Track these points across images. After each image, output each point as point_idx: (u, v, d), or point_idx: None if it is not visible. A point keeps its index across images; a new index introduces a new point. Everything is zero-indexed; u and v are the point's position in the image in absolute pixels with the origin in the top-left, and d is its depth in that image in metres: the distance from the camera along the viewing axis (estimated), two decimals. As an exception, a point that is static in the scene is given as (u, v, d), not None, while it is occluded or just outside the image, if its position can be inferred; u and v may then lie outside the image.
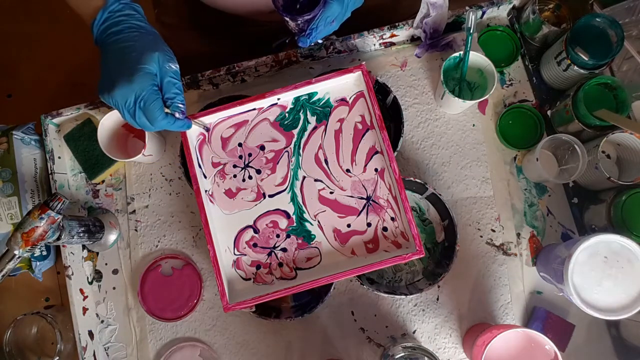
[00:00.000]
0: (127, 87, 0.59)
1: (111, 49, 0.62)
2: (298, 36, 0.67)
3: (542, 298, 0.78)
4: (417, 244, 0.67)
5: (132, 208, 0.84)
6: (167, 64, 0.61)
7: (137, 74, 0.59)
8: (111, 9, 0.63)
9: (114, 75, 0.60)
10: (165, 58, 0.61)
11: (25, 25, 1.57)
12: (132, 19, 0.63)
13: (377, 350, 0.78)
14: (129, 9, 0.64)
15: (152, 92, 0.60)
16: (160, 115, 0.61)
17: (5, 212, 0.80)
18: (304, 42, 0.67)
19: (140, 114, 0.61)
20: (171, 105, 0.62)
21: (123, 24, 0.63)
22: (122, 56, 0.61)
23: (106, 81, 0.61)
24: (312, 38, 0.66)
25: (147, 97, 0.60)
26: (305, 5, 0.68)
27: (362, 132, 0.73)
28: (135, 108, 0.60)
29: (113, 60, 0.61)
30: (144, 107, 0.60)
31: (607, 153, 0.80)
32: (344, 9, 0.64)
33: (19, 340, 0.79)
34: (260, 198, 0.72)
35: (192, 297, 0.80)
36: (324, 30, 0.66)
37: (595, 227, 0.77)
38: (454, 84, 0.80)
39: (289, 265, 0.70)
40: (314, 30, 0.65)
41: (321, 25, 0.65)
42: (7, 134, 0.83)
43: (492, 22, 0.85)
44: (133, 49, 0.61)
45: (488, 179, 0.81)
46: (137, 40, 0.62)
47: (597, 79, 0.74)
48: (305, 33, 0.66)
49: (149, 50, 0.60)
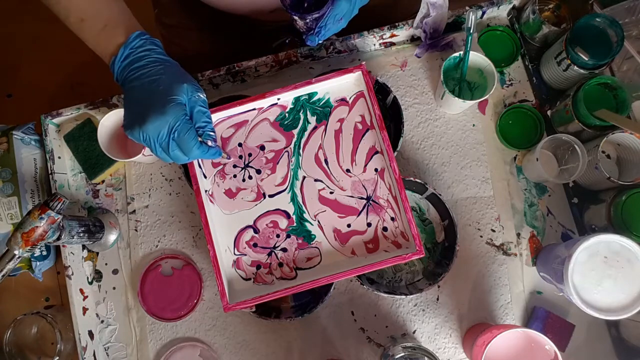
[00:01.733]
0: (161, 119, 0.58)
1: (135, 85, 0.62)
2: (306, 35, 0.67)
3: (542, 298, 0.78)
4: (417, 244, 0.67)
5: (132, 208, 0.84)
6: (195, 94, 0.61)
7: (169, 106, 0.59)
8: (133, 44, 0.63)
9: (143, 110, 0.59)
10: (193, 88, 0.61)
11: (26, 25, 1.58)
12: (154, 53, 0.63)
13: (377, 350, 0.78)
14: (150, 43, 0.64)
15: (185, 122, 0.60)
16: (195, 144, 0.61)
17: (5, 212, 0.80)
18: (312, 41, 0.66)
19: (174, 146, 0.60)
20: (203, 134, 0.62)
21: (146, 58, 0.62)
22: (150, 90, 0.60)
23: (135, 116, 0.60)
24: (321, 36, 0.66)
25: (181, 128, 0.59)
26: (312, 4, 0.67)
27: (362, 132, 0.73)
28: (168, 140, 0.60)
29: (140, 94, 0.61)
30: (177, 139, 0.60)
31: (607, 153, 0.80)
32: (352, 6, 0.64)
33: (19, 340, 0.79)
34: (260, 198, 0.72)
35: (192, 297, 0.80)
36: (333, 28, 0.66)
37: (595, 227, 0.77)
38: (454, 84, 0.80)
39: (289, 265, 0.70)
40: (323, 28, 0.65)
41: (330, 23, 0.64)
42: (7, 134, 0.83)
43: (492, 22, 0.85)
44: (161, 82, 0.61)
45: (488, 179, 0.81)
46: (163, 73, 0.61)
47: (597, 79, 0.74)
48: (314, 31, 0.65)
49: (177, 82, 0.60)
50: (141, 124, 0.59)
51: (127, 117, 0.62)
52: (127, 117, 0.62)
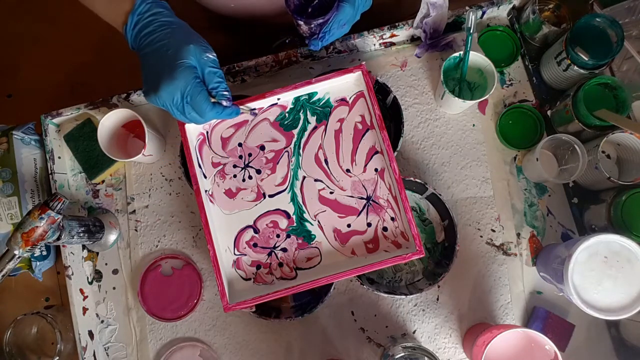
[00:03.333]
0: (171, 84, 0.59)
1: (148, 51, 0.62)
2: (309, 39, 0.68)
3: (542, 298, 0.78)
4: (417, 244, 0.67)
5: (132, 208, 0.84)
6: (204, 55, 0.61)
7: (177, 70, 0.59)
8: (139, 10, 0.63)
9: (155, 77, 0.61)
10: (201, 49, 0.61)
11: (25, 25, 1.57)
12: (161, 17, 0.63)
13: (377, 350, 0.78)
14: (156, 7, 0.64)
15: (195, 84, 0.60)
16: (208, 106, 0.62)
17: (5, 212, 0.80)
18: (315, 45, 0.67)
19: (189, 109, 0.62)
20: (217, 95, 0.63)
21: (153, 23, 0.63)
22: (159, 56, 0.61)
23: (150, 83, 0.61)
24: (325, 41, 0.67)
25: (192, 91, 0.60)
26: (316, 9, 0.68)
27: (362, 132, 0.73)
28: (183, 104, 0.61)
29: (151, 61, 0.62)
30: (191, 102, 0.61)
31: (607, 153, 0.80)
32: (355, 11, 0.65)
33: (19, 340, 0.79)
34: (261, 198, 0.72)
35: (192, 297, 0.80)
36: (337, 33, 0.67)
37: (595, 227, 0.77)
38: (454, 84, 0.80)
39: (289, 265, 0.70)
40: (327, 33, 0.66)
41: (334, 28, 0.65)
42: (7, 134, 0.83)
43: (492, 22, 0.85)
44: (168, 46, 0.61)
45: (488, 179, 0.81)
46: (171, 37, 0.62)
47: (597, 79, 0.74)
48: (318, 36, 0.66)
49: (184, 45, 0.61)
50: (155, 91, 0.60)
51: (144, 84, 0.63)
52: (144, 84, 0.63)
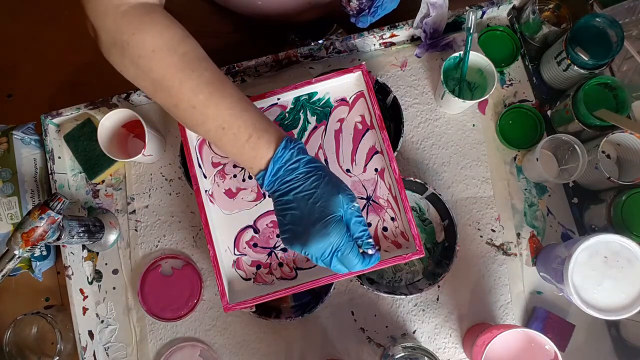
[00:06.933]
0: (323, 241, 0.56)
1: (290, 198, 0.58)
2: (357, 17, 0.65)
3: (542, 298, 0.78)
4: (417, 244, 0.67)
5: (132, 208, 0.84)
6: (350, 205, 0.58)
7: (330, 226, 0.56)
8: (282, 158, 0.58)
9: (303, 229, 0.57)
10: (348, 198, 0.58)
11: (26, 25, 1.57)
12: (302, 163, 0.59)
13: (377, 350, 0.78)
14: (297, 152, 0.58)
15: (347, 240, 0.58)
16: (359, 261, 0.59)
17: (5, 212, 0.80)
18: (364, 22, 0.65)
19: (336, 262, 0.59)
20: (363, 244, 0.60)
21: (297, 171, 0.58)
22: (306, 206, 0.58)
23: (295, 234, 0.58)
24: (376, 16, 0.64)
25: (344, 247, 0.57)
26: None
27: (362, 132, 0.73)
28: (331, 258, 0.58)
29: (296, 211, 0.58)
30: (341, 257, 0.58)
31: (607, 153, 0.80)
32: None
33: (19, 340, 0.79)
34: (261, 198, 0.72)
35: (192, 297, 0.80)
36: (389, 7, 0.64)
37: (595, 227, 0.77)
38: (454, 84, 0.80)
39: (289, 265, 0.70)
40: (380, 7, 0.63)
41: (387, 1, 0.63)
42: (7, 134, 0.83)
43: (492, 22, 0.85)
44: (317, 198, 0.57)
45: (488, 179, 0.81)
46: (317, 187, 0.58)
47: (597, 79, 0.74)
48: (370, 11, 0.64)
49: (332, 195, 0.57)
50: (304, 244, 0.57)
51: (284, 231, 0.59)
52: (286, 232, 0.59)
